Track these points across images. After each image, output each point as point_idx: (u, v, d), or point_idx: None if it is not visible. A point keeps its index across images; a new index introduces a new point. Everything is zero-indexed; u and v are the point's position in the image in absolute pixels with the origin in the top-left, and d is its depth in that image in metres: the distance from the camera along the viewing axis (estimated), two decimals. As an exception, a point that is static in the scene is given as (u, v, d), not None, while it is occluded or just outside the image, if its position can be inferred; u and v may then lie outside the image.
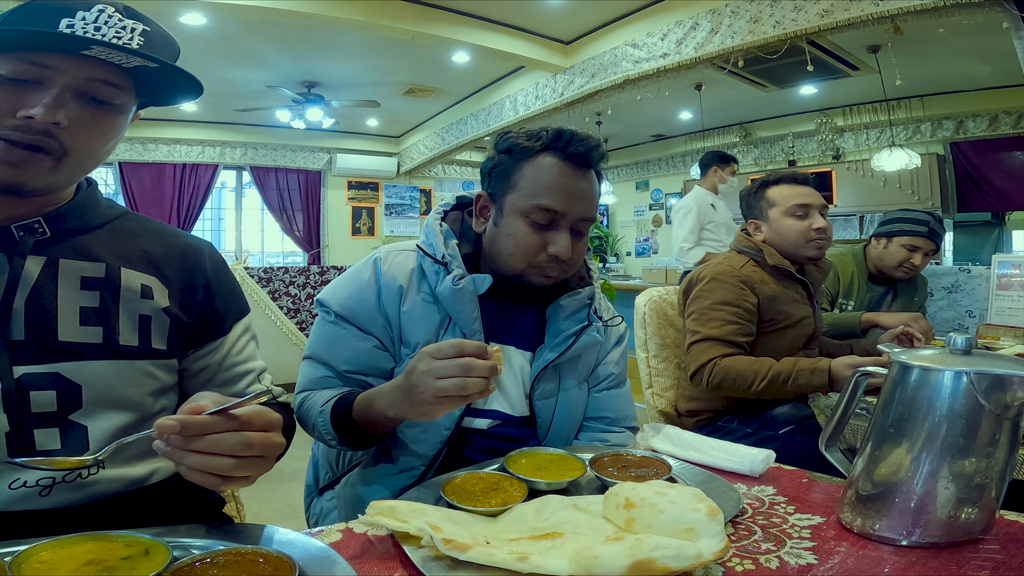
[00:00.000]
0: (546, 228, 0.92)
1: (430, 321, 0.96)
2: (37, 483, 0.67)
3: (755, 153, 7.31)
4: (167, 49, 0.72)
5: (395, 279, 0.96)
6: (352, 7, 4.00)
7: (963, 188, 5.77)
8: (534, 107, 5.43)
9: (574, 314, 1.01)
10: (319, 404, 0.90)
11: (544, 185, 0.92)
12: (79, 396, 0.69)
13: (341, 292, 0.99)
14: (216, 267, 0.86)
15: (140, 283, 0.75)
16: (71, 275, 0.71)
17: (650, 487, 0.64)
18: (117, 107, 0.70)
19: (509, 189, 0.95)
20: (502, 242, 0.95)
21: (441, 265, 0.95)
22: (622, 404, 1.11)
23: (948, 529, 0.64)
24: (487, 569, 0.54)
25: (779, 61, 4.08)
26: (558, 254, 0.92)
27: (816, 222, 1.64)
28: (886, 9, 2.96)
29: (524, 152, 0.94)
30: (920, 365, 0.66)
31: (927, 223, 2.11)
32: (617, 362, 1.12)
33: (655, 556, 0.52)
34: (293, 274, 4.47)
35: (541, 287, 0.97)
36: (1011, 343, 2.06)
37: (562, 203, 0.91)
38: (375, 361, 0.96)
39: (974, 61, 4.64)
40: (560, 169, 0.93)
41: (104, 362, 0.71)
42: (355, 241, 8.34)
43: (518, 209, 0.93)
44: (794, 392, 1.44)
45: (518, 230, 0.93)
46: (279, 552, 0.54)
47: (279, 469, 3.07)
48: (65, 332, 0.69)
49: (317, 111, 6.02)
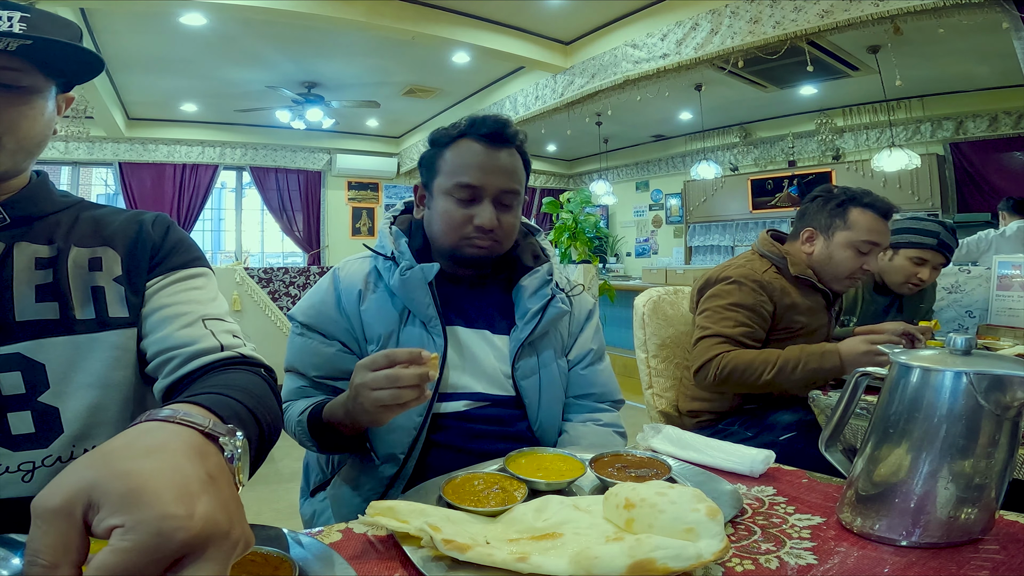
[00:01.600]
0: (470, 203, 1.01)
1: (389, 315, 1.02)
2: (19, 467, 0.68)
3: (755, 153, 7.32)
4: (56, 29, 0.73)
5: (353, 284, 1.04)
6: (352, 7, 4.00)
7: (963, 188, 5.77)
8: (534, 107, 5.43)
9: (537, 291, 1.08)
10: (296, 415, 0.97)
11: (462, 164, 1.01)
12: (44, 376, 0.70)
13: (305, 303, 1.06)
14: (161, 226, 0.84)
15: (87, 257, 0.77)
16: (26, 257, 0.73)
17: (650, 487, 0.64)
18: (27, 88, 0.72)
19: (436, 174, 1.04)
20: (434, 222, 1.05)
21: (391, 261, 1.03)
22: (605, 379, 1.17)
23: (948, 529, 0.64)
24: (487, 569, 0.54)
25: (779, 61, 4.08)
26: (482, 224, 1.00)
27: (868, 263, 1.56)
28: (886, 9, 2.96)
29: (444, 139, 1.04)
30: (920, 365, 0.66)
31: (937, 234, 1.91)
32: (593, 337, 1.18)
33: (655, 556, 0.52)
34: (293, 274, 4.46)
35: (477, 259, 1.04)
36: (1011, 343, 2.06)
37: (479, 178, 1.00)
38: (341, 364, 1.01)
39: (974, 61, 4.64)
40: (475, 149, 1.02)
41: (64, 338, 0.72)
42: (355, 241, 8.34)
43: (443, 190, 1.02)
44: (803, 380, 1.41)
45: (446, 208, 1.02)
46: (279, 552, 0.54)
47: (278, 469, 3.06)
48: (22, 312, 0.70)
49: (317, 111, 6.02)
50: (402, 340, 1.01)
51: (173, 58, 4.98)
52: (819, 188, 1.68)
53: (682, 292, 1.92)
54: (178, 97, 6.25)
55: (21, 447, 0.69)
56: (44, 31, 0.71)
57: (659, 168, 8.55)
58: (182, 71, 5.34)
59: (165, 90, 5.91)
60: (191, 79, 5.60)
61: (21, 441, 0.69)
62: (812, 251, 1.61)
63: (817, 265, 1.61)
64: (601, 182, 7.46)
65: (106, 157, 6.99)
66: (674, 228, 8.56)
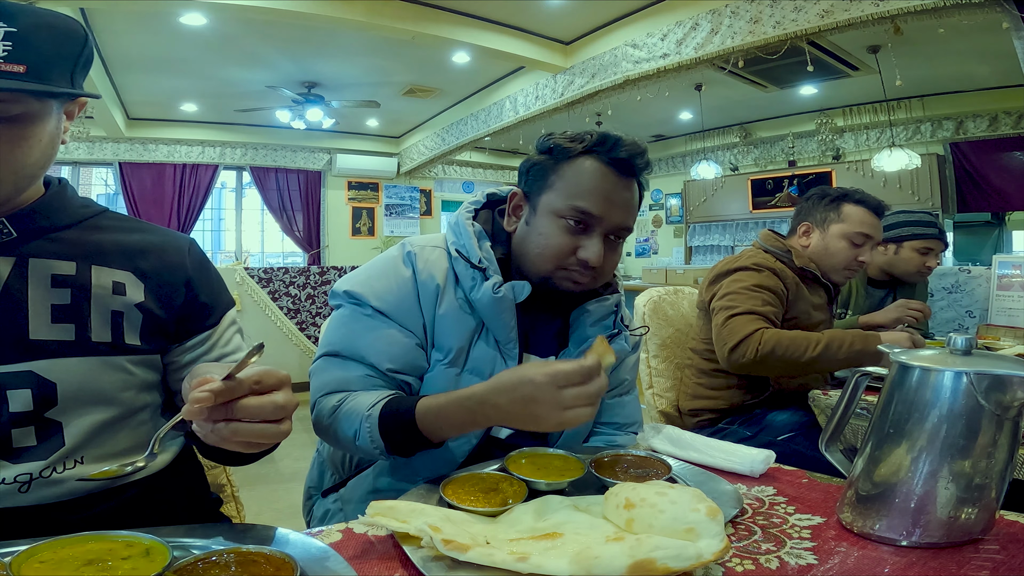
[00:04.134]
0: (579, 232, 0.89)
1: (464, 327, 0.92)
2: (15, 479, 0.68)
3: (755, 153, 7.32)
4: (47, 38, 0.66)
5: (432, 277, 0.92)
6: (352, 7, 4.00)
7: (963, 188, 5.77)
8: (534, 107, 5.43)
9: (600, 320, 0.98)
10: (365, 408, 0.83)
11: (582, 187, 0.89)
12: (54, 393, 0.70)
13: (378, 285, 0.93)
14: (196, 261, 0.85)
15: (112, 280, 0.75)
16: (41, 274, 0.71)
17: (650, 487, 0.64)
18: (19, 116, 0.65)
19: (545, 189, 0.92)
20: (532, 242, 0.92)
21: (478, 270, 0.91)
22: (632, 410, 1.10)
23: (948, 529, 0.64)
24: (487, 569, 0.54)
25: (779, 61, 4.08)
26: (588, 259, 0.88)
27: (862, 255, 1.64)
28: (886, 9, 2.96)
29: (564, 153, 0.91)
30: (920, 365, 0.66)
31: (934, 223, 2.06)
32: (631, 368, 1.10)
33: (655, 556, 0.52)
34: (293, 274, 4.46)
35: (568, 293, 0.93)
36: (1011, 343, 2.06)
37: (599, 207, 0.88)
38: (418, 360, 0.92)
39: (974, 61, 4.64)
40: (601, 173, 0.89)
41: (77, 359, 0.71)
42: (355, 241, 8.34)
43: (552, 209, 0.90)
44: (846, 361, 1.41)
45: (550, 230, 0.90)
46: (281, 552, 0.54)
47: (279, 469, 3.06)
48: (36, 331, 0.69)
49: (317, 111, 6.02)
50: (473, 356, 0.92)
51: (173, 58, 4.98)
52: (814, 188, 1.77)
53: (682, 292, 1.93)
54: (178, 97, 6.25)
55: (21, 459, 0.68)
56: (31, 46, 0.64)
57: (659, 168, 8.54)
58: (182, 71, 5.34)
59: (165, 90, 5.91)
60: (191, 79, 5.60)
61: (21, 453, 0.68)
62: (809, 244, 1.69)
63: (815, 257, 1.67)
64: (601, 182, 7.45)
65: (106, 157, 6.99)
66: (674, 228, 8.56)
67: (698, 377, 1.71)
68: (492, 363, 0.92)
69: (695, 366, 1.72)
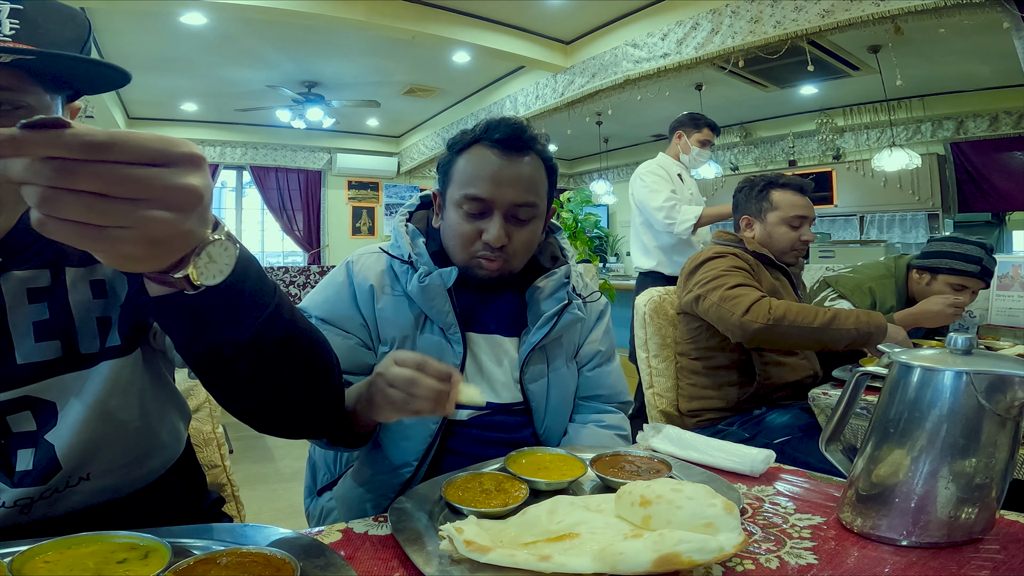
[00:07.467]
0: (478, 217, 0.94)
1: (405, 318, 0.98)
2: (16, 503, 0.65)
3: (755, 153, 7.31)
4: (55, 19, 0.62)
5: (366, 279, 0.99)
6: (352, 7, 4.00)
7: (963, 188, 5.76)
8: (534, 107, 5.42)
9: (553, 294, 1.03)
10: None
11: (470, 174, 0.94)
12: (55, 413, 0.67)
13: (319, 296, 1.01)
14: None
15: (88, 280, 0.69)
16: (17, 289, 0.65)
17: (664, 484, 0.64)
18: (27, 108, 0.61)
19: (449, 183, 0.98)
20: (446, 234, 0.99)
21: (408, 264, 0.97)
22: (614, 380, 1.14)
23: (948, 529, 0.64)
24: (486, 569, 0.55)
25: (779, 61, 4.08)
26: (490, 241, 0.93)
27: (805, 234, 1.73)
28: (886, 9, 2.96)
29: (458, 146, 0.98)
30: (920, 365, 0.66)
31: (979, 260, 1.78)
32: (602, 339, 1.13)
33: (680, 550, 0.53)
34: (293, 274, 4.47)
35: (487, 280, 0.98)
36: (1011, 343, 2.06)
37: (487, 189, 0.93)
38: (361, 358, 0.97)
39: (974, 61, 4.64)
40: (486, 157, 0.94)
41: (72, 374, 0.67)
42: (355, 241, 8.34)
43: (453, 201, 0.96)
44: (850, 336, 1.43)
45: (455, 221, 0.96)
46: (281, 553, 0.54)
47: (279, 469, 3.05)
48: (25, 355, 0.65)
49: (317, 111, 6.02)
50: (419, 346, 0.97)
51: (173, 57, 4.97)
52: (741, 181, 1.86)
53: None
54: (178, 96, 6.24)
55: (21, 483, 0.66)
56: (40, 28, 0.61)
57: (659, 168, 8.53)
58: (182, 70, 5.34)
59: (165, 89, 5.90)
60: (191, 78, 5.59)
61: (22, 477, 0.66)
62: (754, 235, 1.78)
63: (763, 244, 1.76)
64: (601, 181, 7.45)
65: (106, 157, 6.98)
66: (674, 228, 8.54)
67: (690, 378, 1.73)
68: (439, 349, 0.97)
69: (685, 368, 1.75)
